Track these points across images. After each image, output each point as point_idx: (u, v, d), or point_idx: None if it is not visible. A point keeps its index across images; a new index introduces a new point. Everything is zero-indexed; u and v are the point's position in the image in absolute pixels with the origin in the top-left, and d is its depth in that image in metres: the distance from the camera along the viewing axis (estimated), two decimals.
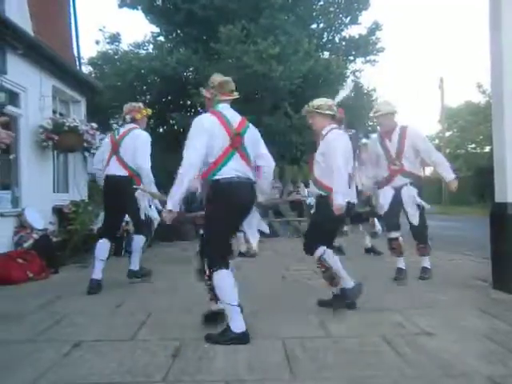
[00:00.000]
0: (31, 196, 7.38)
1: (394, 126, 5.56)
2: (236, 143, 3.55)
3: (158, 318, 4.06)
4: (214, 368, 2.90)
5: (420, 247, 5.53)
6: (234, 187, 3.49)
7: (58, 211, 8.14)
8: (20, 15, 7.43)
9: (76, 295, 5.03)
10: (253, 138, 3.74)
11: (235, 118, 3.67)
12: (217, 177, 3.48)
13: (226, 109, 3.69)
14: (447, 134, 38.36)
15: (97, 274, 5.21)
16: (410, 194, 5.36)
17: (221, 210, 3.49)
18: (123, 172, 5.30)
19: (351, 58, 16.94)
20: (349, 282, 4.20)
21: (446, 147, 33.31)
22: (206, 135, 3.47)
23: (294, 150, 15.37)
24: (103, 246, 5.30)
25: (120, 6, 16.20)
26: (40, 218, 7.26)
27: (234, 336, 3.35)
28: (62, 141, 7.85)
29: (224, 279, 3.43)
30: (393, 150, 5.45)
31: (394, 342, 3.28)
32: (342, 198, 4.03)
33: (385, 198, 5.51)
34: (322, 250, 4.18)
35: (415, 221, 5.36)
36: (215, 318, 3.76)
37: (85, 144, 8.45)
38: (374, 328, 3.64)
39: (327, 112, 4.37)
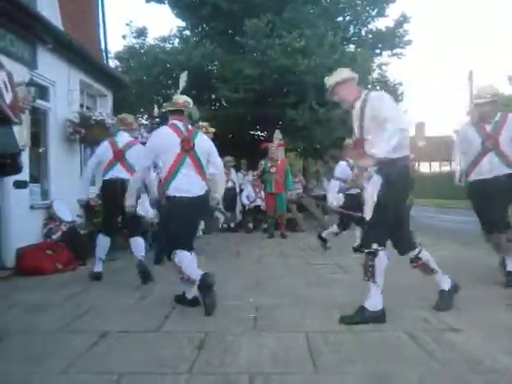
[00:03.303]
0: (59, 189, 7.50)
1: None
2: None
3: (183, 310, 4.10)
4: (238, 360, 2.92)
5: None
6: None
7: (85, 204, 8.25)
8: (50, 10, 7.55)
9: (102, 287, 5.13)
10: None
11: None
12: None
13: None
14: None
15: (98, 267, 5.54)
16: None
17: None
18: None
19: (377, 51, 16.69)
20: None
21: None
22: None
23: (317, 144, 15.30)
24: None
25: (147, 1, 16.31)
26: (68, 211, 7.38)
27: (371, 315, 3.62)
28: (88, 134, 7.94)
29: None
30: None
31: (420, 338, 3.24)
32: None
33: None
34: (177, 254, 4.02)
35: None
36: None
37: None
38: (399, 323, 3.60)
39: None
